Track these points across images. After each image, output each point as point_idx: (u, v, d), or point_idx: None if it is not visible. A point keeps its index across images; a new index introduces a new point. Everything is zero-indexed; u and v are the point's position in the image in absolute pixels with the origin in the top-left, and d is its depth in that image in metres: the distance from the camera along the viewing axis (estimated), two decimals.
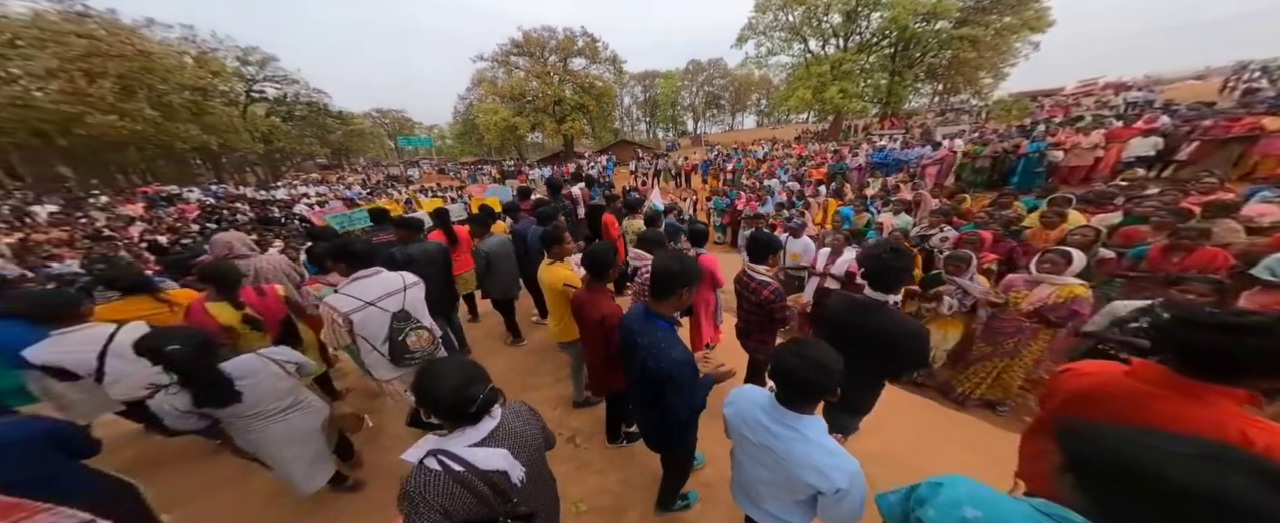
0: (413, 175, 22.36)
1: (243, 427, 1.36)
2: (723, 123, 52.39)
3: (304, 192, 15.37)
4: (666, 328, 1.16)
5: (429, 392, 0.78)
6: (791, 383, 0.85)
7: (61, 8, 15.63)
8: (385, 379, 1.73)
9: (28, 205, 10.46)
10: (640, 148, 23.30)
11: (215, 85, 20.27)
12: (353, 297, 1.58)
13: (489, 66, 25.49)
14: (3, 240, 6.21)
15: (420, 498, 0.74)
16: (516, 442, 0.85)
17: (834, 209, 5.06)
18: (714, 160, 13.49)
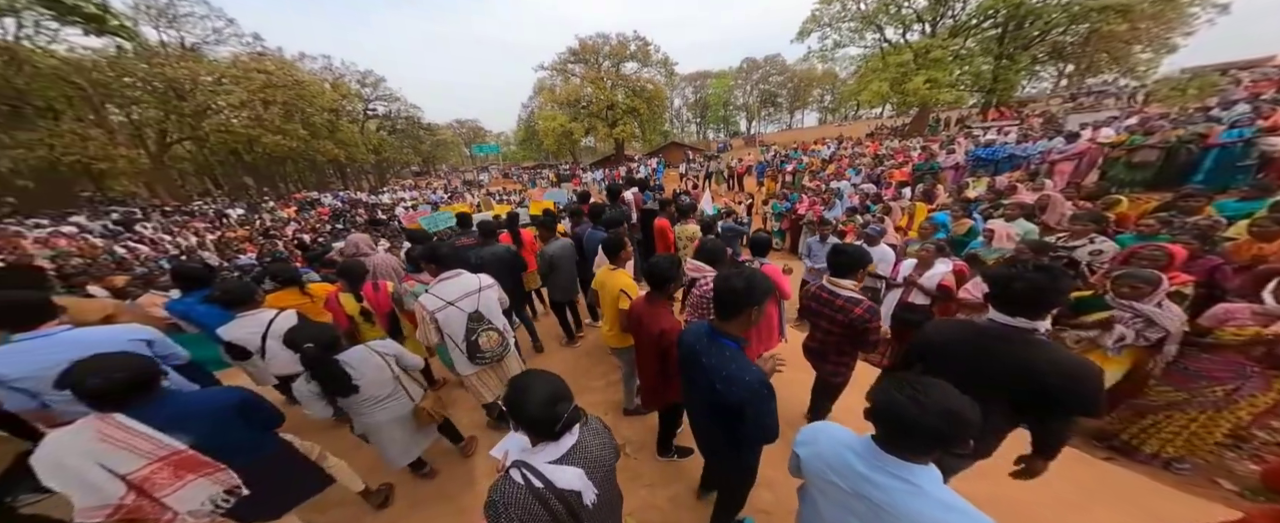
0: (483, 179, 25.02)
1: (356, 411, 1.58)
2: (780, 121, 49.28)
3: (402, 196, 18.16)
4: (735, 348, 1.08)
5: (518, 404, 0.80)
6: (904, 431, 0.71)
7: (248, 51, 20.71)
8: (465, 375, 1.89)
9: (224, 209, 14.06)
10: (690, 149, 22.99)
11: (344, 106, 25.08)
12: (438, 297, 1.74)
13: (548, 75, 27.30)
14: (208, 236, 8.42)
15: (503, 508, 0.77)
16: (591, 463, 0.85)
17: (923, 214, 4.35)
18: (771, 161, 12.68)
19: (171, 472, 1.09)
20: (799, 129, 42.75)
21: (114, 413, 1.04)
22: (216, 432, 1.18)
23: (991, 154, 7.04)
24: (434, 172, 36.14)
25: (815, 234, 3.76)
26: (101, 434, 1.02)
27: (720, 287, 1.08)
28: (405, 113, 31.47)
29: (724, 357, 1.06)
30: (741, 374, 1.02)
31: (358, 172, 30.27)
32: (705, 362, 1.09)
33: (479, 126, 46.34)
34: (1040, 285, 0.97)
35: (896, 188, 6.24)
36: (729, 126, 46.47)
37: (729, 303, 1.07)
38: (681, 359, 1.26)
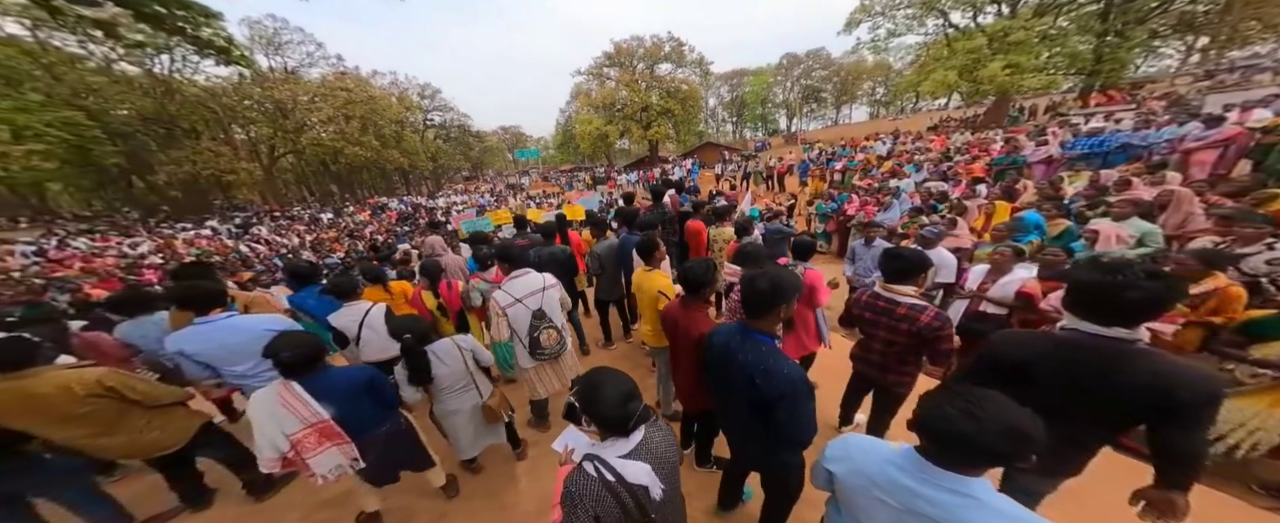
0: (524, 183, 26.48)
1: (436, 397, 1.74)
2: (824, 118, 46.41)
3: (455, 200, 19.85)
4: (770, 343, 1.10)
5: (592, 400, 0.84)
6: (958, 446, 0.68)
7: (333, 70, 23.81)
8: (525, 369, 2.04)
9: (317, 214, 16.38)
10: (727, 149, 22.42)
11: (407, 117, 27.90)
12: (509, 294, 1.87)
13: (585, 79, 28.08)
14: (306, 237, 9.88)
15: (579, 500, 0.80)
16: (658, 460, 0.87)
17: (1004, 213, 3.85)
18: (815, 159, 11.94)
19: (316, 438, 1.33)
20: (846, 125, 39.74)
21: (292, 381, 1.29)
22: (351, 404, 1.41)
23: (1099, 144, 5.96)
24: (481, 176, 38.85)
25: (861, 237, 3.47)
26: (282, 398, 1.28)
27: (746, 287, 1.10)
28: (457, 121, 34.22)
29: (761, 352, 1.07)
30: (780, 367, 1.03)
31: (418, 178, 33.41)
32: (741, 359, 1.10)
33: (521, 132, 48.98)
34: (1159, 296, 0.84)
35: (969, 185, 5.56)
36: (767, 125, 44.66)
37: (756, 302, 1.09)
38: (713, 360, 1.25)
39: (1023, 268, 2.18)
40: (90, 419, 1.46)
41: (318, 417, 1.32)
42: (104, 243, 10.13)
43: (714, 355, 1.23)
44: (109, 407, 1.48)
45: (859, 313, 1.64)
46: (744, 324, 1.14)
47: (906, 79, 18.42)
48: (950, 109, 24.48)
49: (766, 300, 1.07)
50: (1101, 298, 0.90)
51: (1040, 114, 13.92)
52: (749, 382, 1.07)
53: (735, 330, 1.17)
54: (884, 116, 38.43)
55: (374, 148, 23.19)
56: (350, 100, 22.35)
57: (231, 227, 12.60)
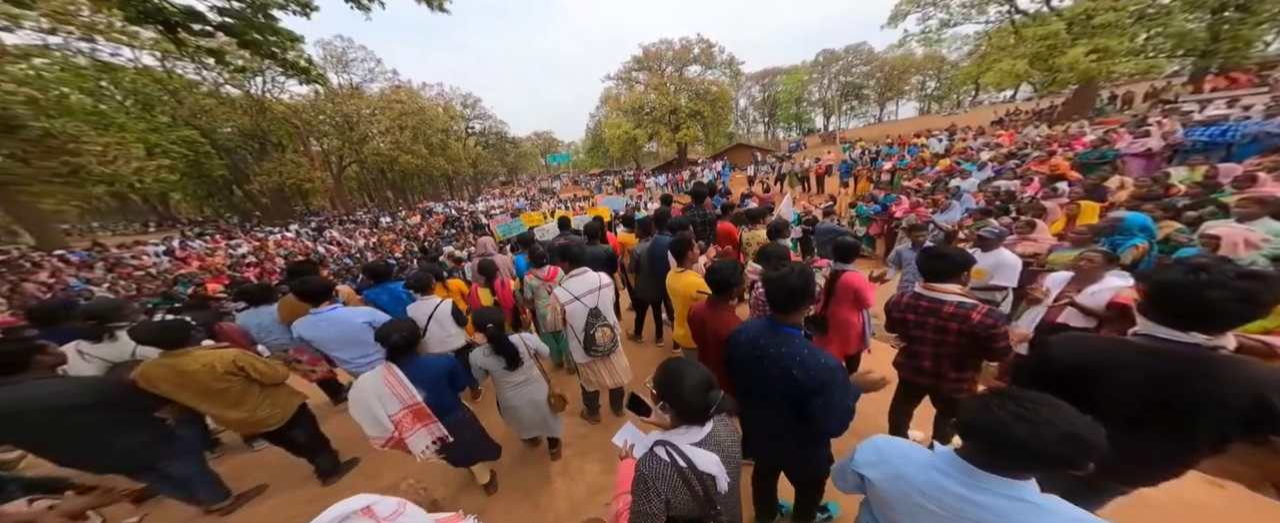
0: (555, 187, 27.47)
1: (500, 388, 1.87)
2: (865, 115, 43.68)
3: (493, 204, 21.07)
4: (800, 335, 1.12)
5: (673, 387, 0.87)
6: (1011, 452, 0.65)
7: (390, 84, 26.07)
8: (580, 364, 2.11)
9: (377, 218, 18.13)
10: (759, 150, 21.74)
11: (452, 126, 30.04)
12: (568, 292, 1.94)
13: (614, 84, 28.59)
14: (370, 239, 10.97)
15: (651, 482, 0.83)
16: (724, 452, 0.89)
17: (1091, 215, 3.41)
18: (859, 158, 11.22)
19: (412, 418, 1.46)
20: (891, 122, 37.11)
21: (393, 365, 1.44)
22: (435, 390, 1.54)
23: (1221, 134, 5.07)
24: (516, 181, 40.94)
25: (909, 240, 3.22)
26: (386, 380, 1.42)
27: (776, 282, 1.10)
28: (495, 129, 36.33)
29: (794, 344, 1.08)
30: (816, 358, 1.03)
31: (460, 183, 35.97)
32: (774, 352, 1.10)
33: (553, 137, 50.96)
34: (1248, 297, 0.76)
35: (1046, 183, 4.95)
36: (802, 124, 42.79)
37: (786, 297, 1.10)
38: (740, 357, 1.23)
39: (1116, 276, 1.90)
40: (223, 394, 1.71)
41: (413, 399, 1.45)
42: (213, 244, 11.96)
43: (741, 352, 1.23)
44: (238, 384, 1.73)
45: (900, 316, 1.56)
46: (771, 319, 1.15)
47: (964, 71, 16.85)
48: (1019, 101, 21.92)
49: (797, 295, 1.09)
50: (1180, 298, 0.82)
51: (1137, 101, 12.07)
52: (784, 374, 1.07)
53: (762, 326, 1.17)
54: (937, 112, 35.41)
55: (423, 155, 25.23)
56: (404, 112, 24.50)
57: (309, 230, 14.33)
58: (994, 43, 14.26)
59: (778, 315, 1.14)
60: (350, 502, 0.58)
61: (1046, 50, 12.15)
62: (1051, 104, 14.78)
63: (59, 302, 2.88)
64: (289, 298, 2.36)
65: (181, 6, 3.39)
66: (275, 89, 20.57)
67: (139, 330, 1.66)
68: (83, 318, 2.07)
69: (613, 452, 2.11)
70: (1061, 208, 3.79)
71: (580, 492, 1.95)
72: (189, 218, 23.99)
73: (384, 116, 24.09)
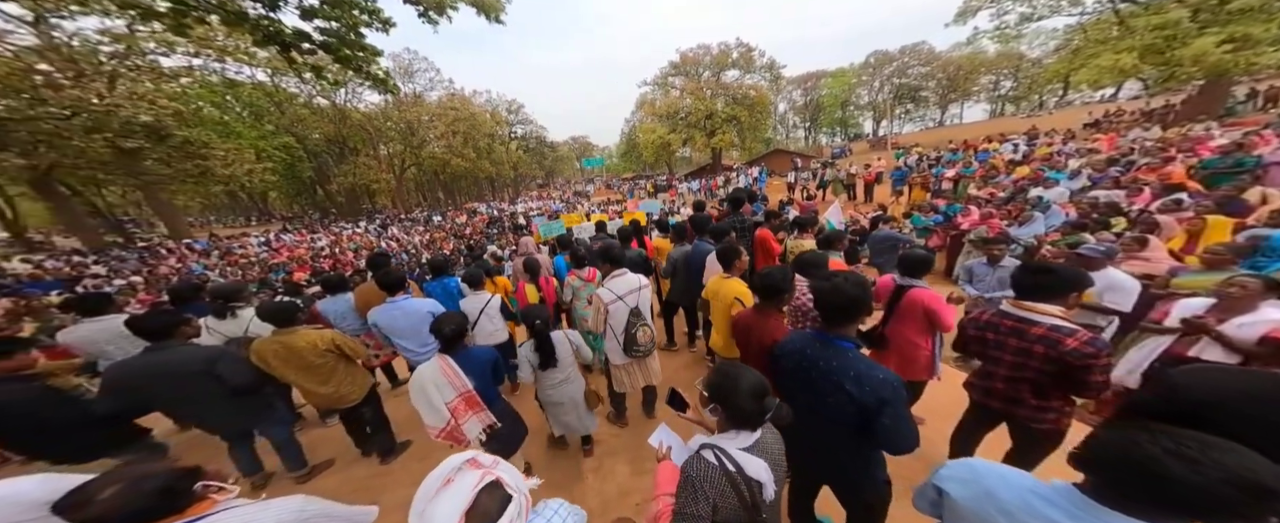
0: (589, 190, 28.27)
1: (542, 384, 1.88)
2: (922, 119, 40.33)
3: (531, 205, 22.16)
4: (855, 349, 1.06)
5: (728, 391, 0.86)
6: (1158, 492, 0.57)
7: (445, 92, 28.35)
8: (617, 365, 2.12)
9: (429, 217, 19.84)
10: (798, 156, 20.83)
11: (497, 131, 32.13)
12: (612, 291, 1.97)
13: (650, 89, 28.91)
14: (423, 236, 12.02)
15: (699, 484, 0.82)
16: (772, 461, 0.88)
17: (1221, 232, 2.85)
18: (916, 165, 10.33)
19: (465, 405, 1.56)
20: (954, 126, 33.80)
21: (447, 355, 1.55)
22: (482, 379, 1.63)
23: None
24: (552, 184, 42.72)
25: (982, 254, 2.87)
26: (441, 369, 1.53)
27: (830, 293, 1.05)
28: (535, 133, 38.29)
29: (847, 358, 1.03)
30: (873, 371, 0.98)
31: (501, 185, 38.38)
32: (824, 366, 1.05)
33: (588, 142, 52.61)
34: None
35: (1160, 194, 4.19)
36: (848, 129, 40.42)
37: (840, 308, 1.05)
38: (787, 369, 1.18)
39: (1273, 306, 1.56)
40: (318, 370, 1.94)
41: (465, 387, 1.54)
42: (299, 237, 13.76)
43: (788, 364, 1.17)
44: (331, 361, 1.96)
45: (977, 334, 1.40)
46: (822, 331, 1.10)
47: (1050, 69, 14.85)
48: (1122, 100, 18.99)
49: (852, 307, 1.05)
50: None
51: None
52: (835, 389, 1.01)
53: (811, 338, 1.13)
54: (1012, 114, 31.61)
55: (471, 159, 27.24)
56: (457, 118, 26.64)
57: (375, 226, 16.03)
58: (1091, 35, 12.44)
59: (829, 328, 1.09)
60: (456, 457, 0.66)
61: (1163, 42, 10.34)
62: (1166, 102, 12.58)
63: (191, 283, 3.45)
64: (368, 286, 2.63)
65: (294, 29, 3.90)
66: (354, 99, 23.44)
67: (262, 310, 1.94)
68: (211, 298, 2.44)
69: (643, 454, 2.15)
70: (1181, 223, 3.19)
71: (611, 490, 1.96)
72: (281, 214, 27.87)
73: (440, 123, 26.33)
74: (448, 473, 0.66)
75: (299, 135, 21.71)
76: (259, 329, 2.19)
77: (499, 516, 0.65)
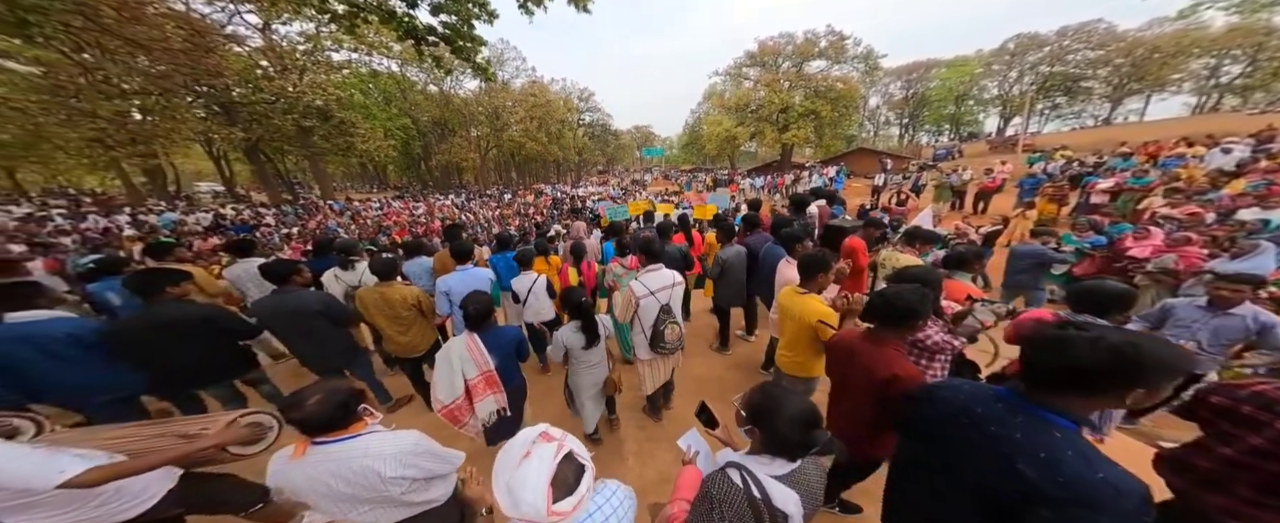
0: (646, 179, 28.44)
1: (574, 368, 1.96)
2: (1080, 116, 31.61)
3: (592, 190, 23.19)
4: (1073, 431, 0.72)
5: (768, 414, 0.81)
6: None
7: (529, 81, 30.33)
8: (641, 359, 2.14)
9: (501, 195, 22.11)
10: (889, 156, 18.10)
11: (568, 118, 33.80)
12: (644, 285, 1.97)
13: (721, 80, 27.41)
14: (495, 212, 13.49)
15: (717, 505, 0.79)
16: (807, 495, 0.82)
17: None
18: (1056, 173, 8.24)
19: (484, 385, 1.65)
20: (1126, 125, 25.87)
21: (474, 333, 1.64)
22: (506, 357, 1.70)
23: None
24: (612, 171, 43.79)
25: (1207, 293, 2.00)
26: (467, 346, 1.60)
27: (1081, 348, 0.67)
28: (601, 121, 39.39)
29: (1053, 437, 0.72)
30: (1087, 471, 0.66)
31: (565, 169, 40.64)
32: (998, 432, 0.78)
33: (651, 131, 52.53)
34: None
35: None
36: (961, 127, 33.69)
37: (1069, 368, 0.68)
38: (930, 420, 0.96)
39: None
40: (402, 321, 2.33)
41: (488, 367, 1.63)
42: (404, 206, 16.53)
43: (934, 413, 0.94)
44: (412, 314, 2.35)
45: (1228, 405, 1.03)
46: (1021, 392, 0.79)
47: None
48: None
49: (1112, 375, 0.65)
50: None
51: None
52: (1002, 466, 0.75)
53: (994, 394, 0.84)
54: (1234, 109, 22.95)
55: (543, 143, 29.18)
56: (535, 104, 28.62)
57: (460, 200, 18.51)
58: None
59: (1035, 391, 0.77)
60: (530, 430, 0.73)
61: None
62: None
63: (328, 238, 4.40)
64: (444, 252, 3.07)
65: (426, 24, 4.58)
66: (455, 86, 26.87)
67: (372, 263, 2.41)
68: (339, 251, 3.05)
69: (653, 451, 2.17)
70: None
71: (651, 475, 2.02)
72: (393, 185, 33.59)
73: (521, 108, 28.55)
74: (526, 446, 0.70)
75: (414, 117, 25.77)
76: (371, 280, 2.70)
77: (577, 484, 0.71)
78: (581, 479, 0.72)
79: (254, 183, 22.83)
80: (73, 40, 6.26)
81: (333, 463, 1.00)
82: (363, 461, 1.01)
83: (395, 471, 1.04)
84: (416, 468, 1.09)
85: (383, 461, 1.02)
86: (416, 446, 1.10)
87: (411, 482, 1.09)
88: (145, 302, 1.86)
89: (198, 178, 28.00)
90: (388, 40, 15.45)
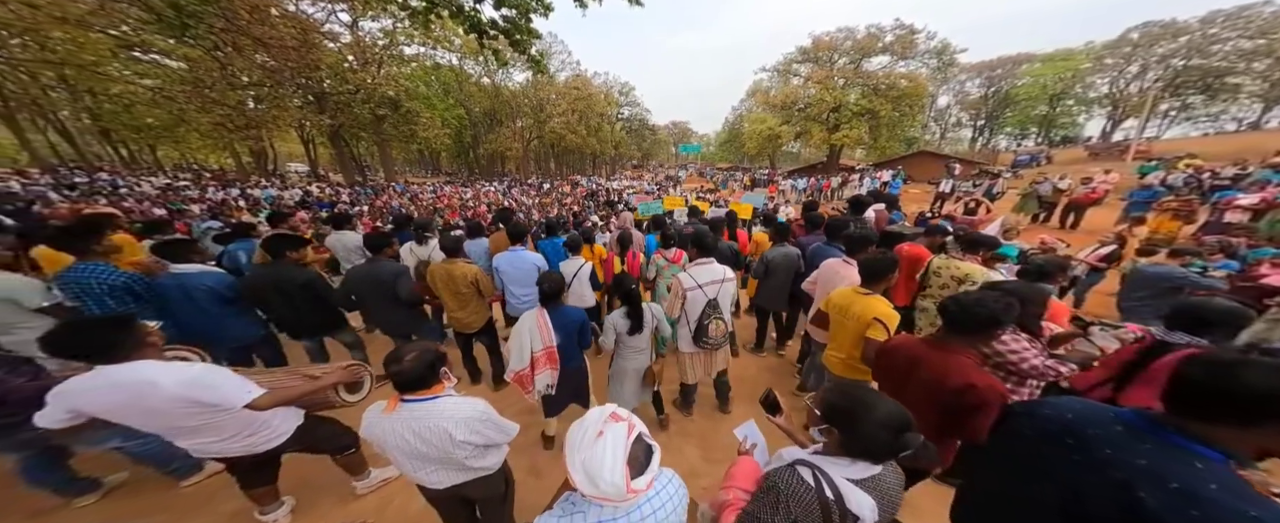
0: (681, 176, 28.08)
1: (619, 352, 1.98)
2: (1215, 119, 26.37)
3: (626, 184, 23.40)
4: (1220, 462, 0.64)
5: (854, 416, 0.77)
6: None
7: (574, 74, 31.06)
8: (683, 352, 2.14)
9: (541, 184, 23.00)
10: (957, 161, 16.31)
11: (607, 112, 34.28)
12: (692, 278, 1.97)
13: (768, 76, 26.39)
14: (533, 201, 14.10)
15: (784, 498, 0.78)
16: (885, 502, 0.78)
17: None
18: (1179, 185, 6.96)
19: (546, 359, 1.79)
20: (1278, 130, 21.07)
21: (544, 309, 1.81)
22: (568, 338, 1.85)
23: None
24: (646, 166, 43.80)
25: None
26: (537, 321, 1.78)
27: (1204, 371, 0.64)
28: (639, 116, 39.45)
29: (1191, 467, 0.65)
30: (1236, 505, 0.60)
31: (601, 162, 41.26)
32: (1110, 454, 0.72)
33: (688, 128, 51.60)
34: None
35: None
36: (1052, 130, 29.40)
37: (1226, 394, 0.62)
38: (1022, 436, 0.89)
39: None
40: (461, 297, 2.51)
41: (551, 342, 1.75)
42: (454, 190, 17.79)
43: (1032, 429, 0.87)
44: (471, 291, 2.53)
45: None
46: (1153, 418, 0.72)
47: None
48: None
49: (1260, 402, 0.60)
50: None
51: None
52: (1109, 493, 0.69)
53: (1115, 417, 0.77)
54: None
55: (582, 136, 29.86)
56: (578, 97, 29.28)
57: (503, 187, 19.59)
58: None
59: (1181, 418, 0.69)
60: (599, 410, 0.78)
61: None
62: None
63: (406, 215, 4.86)
64: (500, 234, 3.26)
65: (489, 18, 4.85)
66: (506, 79, 28.26)
67: (443, 239, 2.62)
68: (416, 228, 3.37)
69: (712, 441, 2.20)
70: None
71: (681, 471, 2.04)
72: (445, 170, 36.21)
73: (564, 101, 29.37)
74: (598, 426, 0.72)
75: (467, 108, 27.54)
76: (440, 256, 2.94)
77: (647, 464, 0.74)
78: (651, 459, 0.74)
79: (332, 165, 25.82)
80: (212, 39, 7.40)
81: (415, 422, 1.10)
82: (438, 421, 1.11)
83: (464, 434, 1.13)
84: (480, 435, 1.18)
85: (455, 423, 1.12)
86: (484, 414, 1.20)
87: (474, 447, 1.20)
88: (273, 261, 2.20)
89: (289, 160, 32.27)
90: (451, 35, 16.67)
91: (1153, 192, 6.47)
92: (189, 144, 19.55)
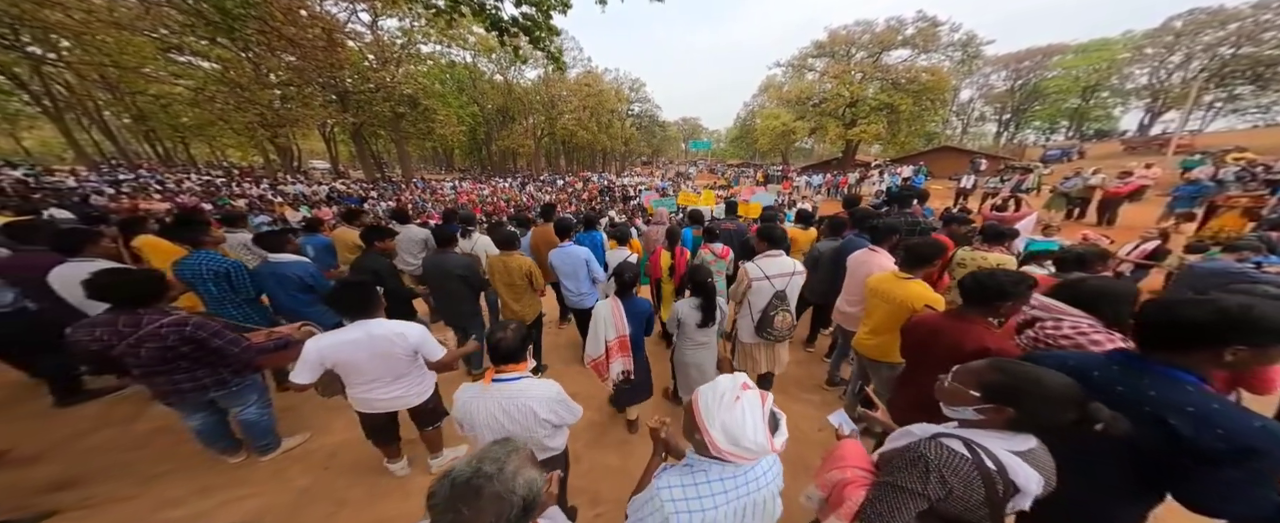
0: (691, 172, 27.93)
1: (681, 345, 2.05)
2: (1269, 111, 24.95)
3: (638, 180, 23.42)
4: (1197, 382, 0.79)
5: (1025, 394, 0.76)
6: None
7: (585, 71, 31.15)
8: (744, 342, 2.18)
9: (553, 181, 23.19)
10: (983, 156, 15.85)
11: (618, 108, 34.28)
12: (759, 268, 2.02)
13: (782, 71, 25.78)
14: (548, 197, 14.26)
15: (936, 468, 0.77)
16: (1044, 473, 0.76)
17: None
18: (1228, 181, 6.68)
19: (618, 347, 1.89)
20: None
21: (618, 299, 1.90)
22: (638, 327, 1.94)
23: None
24: (656, 162, 43.71)
25: None
26: (612, 310, 1.88)
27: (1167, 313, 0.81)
28: (650, 112, 39.34)
29: (1187, 392, 0.78)
30: (1238, 415, 0.72)
31: (611, 158, 41.32)
32: (1124, 392, 0.83)
33: (699, 124, 51.14)
34: None
35: None
36: (1086, 123, 28.23)
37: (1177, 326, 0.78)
38: None
39: None
40: (515, 289, 2.61)
41: (624, 331, 1.85)
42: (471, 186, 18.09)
43: None
44: (523, 283, 2.64)
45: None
46: (1138, 354, 0.86)
47: None
48: None
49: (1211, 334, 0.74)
50: None
51: None
52: (1145, 428, 0.77)
53: (1105, 360, 0.90)
54: None
55: (593, 132, 29.98)
56: (589, 94, 29.37)
57: (517, 183, 19.84)
58: None
59: (1151, 351, 0.83)
60: (727, 379, 0.83)
61: None
62: None
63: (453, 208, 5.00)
64: (543, 227, 3.37)
65: (510, 15, 4.87)
66: (518, 76, 28.45)
67: (494, 234, 2.74)
68: (461, 221, 3.50)
69: None
70: None
71: None
72: (459, 167, 36.70)
73: (575, 98, 29.51)
74: (733, 391, 0.76)
75: (481, 105, 27.83)
76: (482, 249, 3.05)
77: (776, 431, 0.78)
78: (780, 423, 0.78)
79: (351, 162, 26.47)
80: (243, 40, 7.70)
81: (505, 399, 1.19)
82: (524, 399, 1.19)
83: (546, 412, 1.22)
84: (555, 415, 1.25)
85: (539, 402, 1.20)
86: (560, 394, 1.29)
87: (551, 427, 1.29)
88: (365, 251, 2.41)
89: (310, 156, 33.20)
90: (466, 33, 16.84)
91: (1200, 187, 6.22)
92: (222, 142, 20.30)
